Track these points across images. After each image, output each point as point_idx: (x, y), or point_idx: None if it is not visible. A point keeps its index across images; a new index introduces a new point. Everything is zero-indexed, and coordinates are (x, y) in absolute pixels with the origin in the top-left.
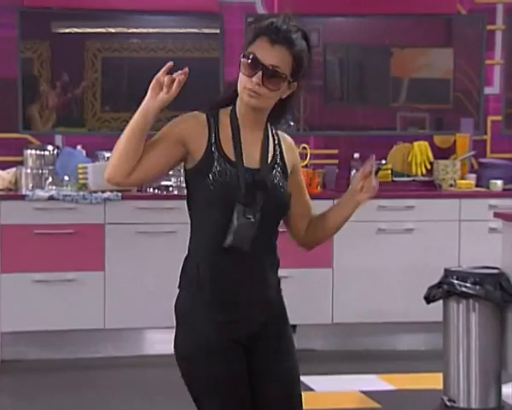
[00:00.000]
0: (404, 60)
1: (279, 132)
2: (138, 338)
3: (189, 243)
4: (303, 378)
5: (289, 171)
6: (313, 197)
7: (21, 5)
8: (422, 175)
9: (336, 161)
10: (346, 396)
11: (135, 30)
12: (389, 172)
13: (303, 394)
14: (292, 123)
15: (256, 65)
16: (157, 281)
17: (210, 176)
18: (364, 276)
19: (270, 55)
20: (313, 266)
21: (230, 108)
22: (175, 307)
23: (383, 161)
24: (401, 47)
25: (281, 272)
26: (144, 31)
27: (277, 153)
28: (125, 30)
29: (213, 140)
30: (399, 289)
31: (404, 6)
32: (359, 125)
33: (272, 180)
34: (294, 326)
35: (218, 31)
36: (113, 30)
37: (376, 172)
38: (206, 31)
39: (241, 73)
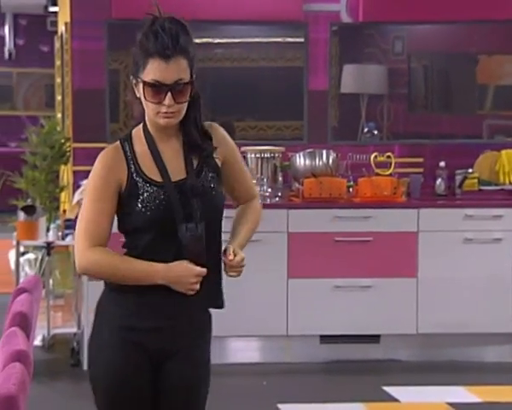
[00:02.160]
0: (491, 67)
1: (212, 125)
2: (221, 347)
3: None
4: (388, 389)
5: (220, 164)
6: (398, 206)
7: (110, 18)
8: (510, 184)
9: (421, 170)
10: (433, 408)
11: (219, 40)
12: (476, 180)
13: (388, 405)
14: (376, 132)
15: (161, 89)
16: (240, 289)
17: (139, 204)
18: (450, 286)
19: (169, 72)
20: (398, 276)
21: (141, 125)
22: None
23: (469, 170)
24: (488, 54)
25: (365, 282)
26: (229, 41)
27: (204, 153)
28: (210, 40)
29: (133, 168)
30: (486, 300)
31: (489, 12)
32: (445, 134)
33: (202, 184)
34: (378, 336)
35: (302, 40)
36: (197, 40)
37: (463, 181)
38: (291, 40)
39: (145, 101)
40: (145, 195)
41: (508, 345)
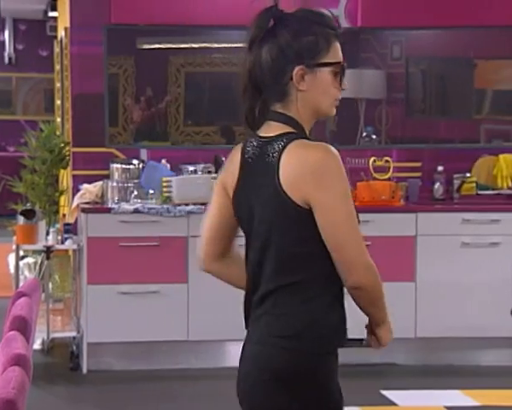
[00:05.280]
0: (488, 71)
1: None
2: (220, 350)
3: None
4: (385, 393)
5: None
6: (396, 210)
7: (109, 23)
8: (508, 188)
9: (419, 174)
10: None
11: (217, 45)
12: (474, 185)
13: (385, 409)
14: (374, 136)
15: (344, 71)
16: (240, 293)
17: None
18: (448, 290)
19: (341, 52)
20: (396, 280)
21: (285, 127)
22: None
23: (467, 174)
24: (485, 59)
25: None
26: (226, 46)
27: None
28: (208, 45)
29: None
30: (484, 304)
31: (487, 17)
32: (442, 138)
33: None
34: None
35: None
36: (196, 45)
37: (461, 185)
38: None
39: (327, 88)
40: None
41: (505, 349)
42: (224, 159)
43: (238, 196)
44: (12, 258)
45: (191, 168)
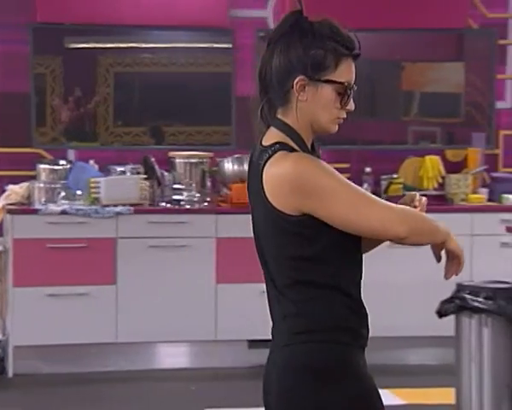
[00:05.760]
0: (416, 74)
1: None
2: (149, 352)
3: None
4: None
5: None
6: None
7: (34, 21)
8: (434, 189)
9: (348, 175)
10: None
11: (147, 45)
12: (400, 186)
13: None
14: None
15: (349, 92)
16: (168, 295)
17: None
18: (376, 290)
19: (353, 74)
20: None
21: (281, 134)
22: None
23: (394, 175)
24: (412, 61)
25: None
26: (156, 46)
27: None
28: (137, 45)
29: None
30: (411, 304)
31: (415, 21)
32: (370, 140)
33: None
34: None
35: (229, 45)
36: (125, 45)
37: (388, 186)
38: (218, 45)
39: (326, 105)
40: None
41: (432, 348)
42: (153, 159)
43: (248, 198)
44: None
45: (120, 169)
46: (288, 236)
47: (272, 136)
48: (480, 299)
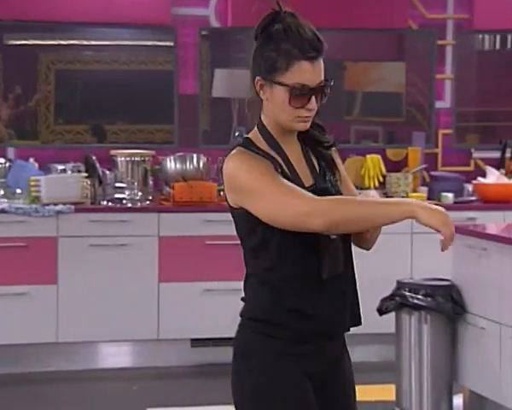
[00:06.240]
0: (357, 74)
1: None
2: (91, 352)
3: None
4: None
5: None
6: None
7: None
8: (375, 188)
9: None
10: None
11: (88, 42)
12: None
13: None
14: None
15: (306, 93)
16: (110, 294)
17: None
18: None
19: (314, 75)
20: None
21: (255, 130)
22: None
23: None
24: (354, 61)
25: (235, 285)
26: (98, 43)
27: (320, 156)
28: (79, 42)
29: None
30: None
31: (356, 21)
32: None
33: (333, 187)
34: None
35: (171, 43)
36: (66, 42)
37: None
38: (160, 43)
39: (283, 105)
40: None
41: (372, 345)
42: (94, 158)
43: None
44: None
45: (60, 167)
46: (237, 228)
47: (251, 131)
48: (420, 296)
